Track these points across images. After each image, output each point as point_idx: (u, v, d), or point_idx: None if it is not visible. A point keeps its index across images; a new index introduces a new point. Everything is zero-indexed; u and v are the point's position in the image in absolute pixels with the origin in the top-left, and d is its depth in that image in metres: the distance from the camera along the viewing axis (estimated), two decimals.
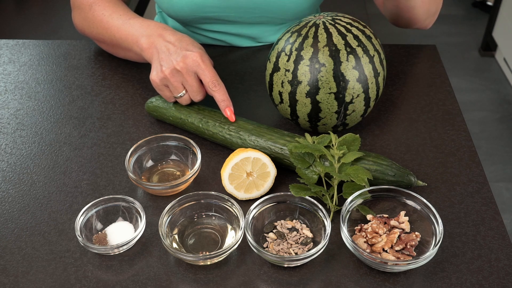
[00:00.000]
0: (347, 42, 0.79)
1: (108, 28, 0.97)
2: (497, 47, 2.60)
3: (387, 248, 0.70)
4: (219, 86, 0.84)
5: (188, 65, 0.84)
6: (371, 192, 0.75)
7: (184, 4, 1.01)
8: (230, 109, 0.84)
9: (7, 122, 0.94)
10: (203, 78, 0.84)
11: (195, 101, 0.87)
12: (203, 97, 0.86)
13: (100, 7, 0.99)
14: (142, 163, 0.84)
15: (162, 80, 0.86)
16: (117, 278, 0.70)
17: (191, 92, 0.85)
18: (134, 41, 0.92)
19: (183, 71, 0.84)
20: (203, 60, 0.84)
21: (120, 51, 1.01)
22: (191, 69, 0.84)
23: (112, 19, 0.97)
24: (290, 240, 0.73)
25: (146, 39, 0.90)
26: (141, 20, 0.94)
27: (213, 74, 0.84)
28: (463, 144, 0.88)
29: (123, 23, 0.95)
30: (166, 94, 0.88)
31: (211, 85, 0.84)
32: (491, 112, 2.34)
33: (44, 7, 1.61)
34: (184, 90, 0.86)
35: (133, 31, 0.92)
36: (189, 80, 0.84)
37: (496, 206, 0.78)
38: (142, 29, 0.92)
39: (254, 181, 0.79)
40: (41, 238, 0.75)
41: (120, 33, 0.95)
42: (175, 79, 0.85)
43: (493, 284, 0.68)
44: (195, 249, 0.73)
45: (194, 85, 0.85)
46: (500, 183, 2.03)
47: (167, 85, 0.86)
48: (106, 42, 1.01)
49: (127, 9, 0.99)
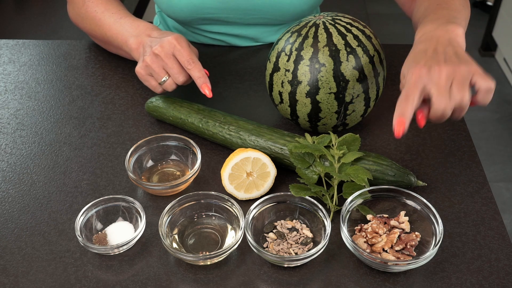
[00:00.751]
0: (347, 42, 0.79)
1: (101, 26, 0.99)
2: (497, 47, 2.60)
3: (387, 248, 0.70)
4: (194, 64, 0.86)
5: (165, 48, 0.86)
6: (371, 192, 0.75)
7: (183, 5, 1.02)
8: (207, 86, 0.86)
9: (7, 122, 0.94)
10: (179, 59, 0.86)
11: (179, 84, 0.87)
12: (185, 79, 0.87)
13: (93, 4, 1.01)
14: (142, 163, 0.84)
15: (145, 69, 0.88)
16: (117, 278, 0.70)
17: (173, 74, 0.86)
18: (123, 41, 0.95)
19: (162, 55, 0.86)
20: (179, 42, 0.87)
21: (111, 48, 1.04)
22: (169, 51, 0.86)
23: (104, 17, 0.99)
24: (290, 240, 0.73)
25: (135, 39, 0.92)
26: (131, 20, 0.96)
27: (188, 53, 0.86)
28: (463, 144, 0.88)
29: (115, 22, 0.97)
30: (151, 84, 0.89)
31: (187, 64, 0.86)
32: (491, 112, 2.34)
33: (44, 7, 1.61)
34: (166, 74, 0.87)
35: (123, 31, 0.95)
36: (169, 63, 0.86)
37: (496, 206, 0.78)
38: (132, 29, 0.94)
39: (254, 181, 0.79)
40: (41, 238, 0.75)
41: (111, 31, 0.97)
42: (156, 65, 0.87)
43: (493, 284, 0.68)
44: (195, 249, 0.73)
45: (174, 67, 0.86)
46: (500, 183, 2.03)
47: (151, 74, 0.88)
48: (99, 38, 1.04)
49: (119, 6, 1.01)
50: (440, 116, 0.69)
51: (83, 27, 1.05)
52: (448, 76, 0.68)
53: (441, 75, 0.68)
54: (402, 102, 0.68)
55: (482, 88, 0.69)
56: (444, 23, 0.77)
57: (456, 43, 0.73)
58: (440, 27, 0.76)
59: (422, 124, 0.71)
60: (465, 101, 0.68)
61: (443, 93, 0.68)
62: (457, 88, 0.68)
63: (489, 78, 0.69)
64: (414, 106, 0.68)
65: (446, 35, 0.74)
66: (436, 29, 0.76)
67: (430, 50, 0.72)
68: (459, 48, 0.73)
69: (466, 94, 0.68)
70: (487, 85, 0.69)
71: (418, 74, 0.69)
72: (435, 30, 0.76)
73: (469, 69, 0.69)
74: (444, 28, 0.75)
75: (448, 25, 0.76)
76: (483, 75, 0.69)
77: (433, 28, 0.76)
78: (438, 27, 0.76)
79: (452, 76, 0.68)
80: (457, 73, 0.68)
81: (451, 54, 0.71)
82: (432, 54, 0.71)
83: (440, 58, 0.70)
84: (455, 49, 0.72)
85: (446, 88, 0.68)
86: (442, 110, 0.68)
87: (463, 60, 0.70)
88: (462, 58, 0.70)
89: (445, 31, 0.75)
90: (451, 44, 0.73)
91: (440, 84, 0.68)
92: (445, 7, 0.82)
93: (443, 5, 0.83)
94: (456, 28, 0.75)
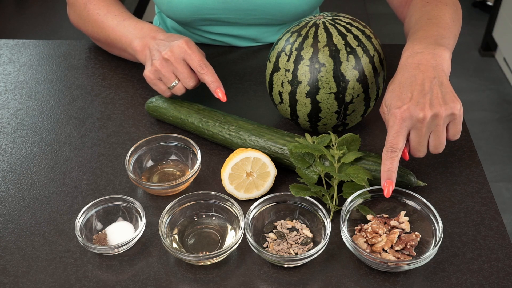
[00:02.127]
0: (347, 42, 0.79)
1: (103, 28, 0.99)
2: (497, 47, 2.60)
3: (387, 248, 0.70)
4: (207, 69, 0.86)
5: (175, 53, 0.85)
6: (371, 192, 0.75)
7: (183, 6, 1.02)
8: (221, 90, 0.86)
9: (7, 122, 0.94)
10: (191, 63, 0.86)
11: (189, 88, 0.87)
12: (195, 83, 0.87)
13: (95, 6, 1.00)
14: (142, 163, 0.84)
15: (155, 73, 0.87)
16: (117, 278, 0.70)
17: (183, 79, 0.86)
18: (128, 43, 0.94)
19: (172, 60, 0.85)
20: (189, 46, 0.86)
21: (115, 50, 1.03)
22: (179, 56, 0.86)
23: (107, 19, 0.98)
24: (290, 240, 0.73)
25: (140, 41, 0.92)
26: (135, 21, 0.96)
27: (200, 58, 0.86)
28: (463, 144, 0.88)
29: (118, 24, 0.96)
30: (160, 88, 0.88)
31: (199, 68, 0.85)
32: (491, 112, 2.34)
33: (44, 7, 1.61)
34: (176, 79, 0.87)
35: (127, 32, 0.94)
36: (179, 68, 0.86)
37: (496, 206, 0.78)
38: (136, 31, 0.94)
39: (254, 181, 0.79)
40: (41, 238, 0.75)
41: (115, 33, 0.97)
42: (166, 69, 0.86)
43: (493, 284, 0.68)
44: (195, 249, 0.73)
45: (184, 72, 0.86)
46: (500, 183, 2.03)
47: (161, 78, 0.88)
48: (101, 41, 1.03)
49: (121, 8, 1.01)
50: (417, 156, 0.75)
51: (85, 30, 1.05)
52: (429, 125, 0.72)
53: (424, 123, 0.71)
54: (387, 161, 0.72)
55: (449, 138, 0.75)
56: (432, 44, 0.77)
57: (441, 72, 0.74)
58: (428, 49, 0.76)
59: (407, 158, 0.76)
60: (440, 147, 0.74)
61: (422, 142, 0.73)
62: (435, 134, 0.73)
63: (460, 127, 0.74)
64: (398, 160, 0.72)
65: (432, 60, 0.75)
66: (424, 51, 0.76)
67: (416, 84, 0.73)
68: (444, 79, 0.74)
69: (442, 140, 0.74)
70: (455, 138, 0.75)
71: (401, 118, 0.72)
72: (422, 52, 0.76)
73: (451, 112, 0.72)
74: (432, 51, 0.76)
75: (435, 48, 0.76)
76: (459, 120, 0.73)
77: (421, 49, 0.76)
78: (426, 49, 0.76)
79: (434, 124, 0.72)
80: (438, 119, 0.72)
81: (437, 92, 0.72)
82: (418, 92, 0.72)
83: (425, 101, 0.72)
84: (441, 83, 0.73)
85: (426, 136, 0.73)
86: (418, 155, 0.75)
87: (448, 98, 0.72)
88: (447, 95, 0.72)
89: (432, 56, 0.75)
90: (437, 76, 0.73)
91: (421, 132, 0.72)
92: (435, 23, 0.82)
93: (434, 21, 0.83)
94: (443, 52, 0.76)
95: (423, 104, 0.71)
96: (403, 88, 0.73)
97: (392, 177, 0.72)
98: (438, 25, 0.82)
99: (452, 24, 0.84)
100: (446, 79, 0.74)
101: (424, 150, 0.74)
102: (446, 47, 0.78)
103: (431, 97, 0.72)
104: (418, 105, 0.71)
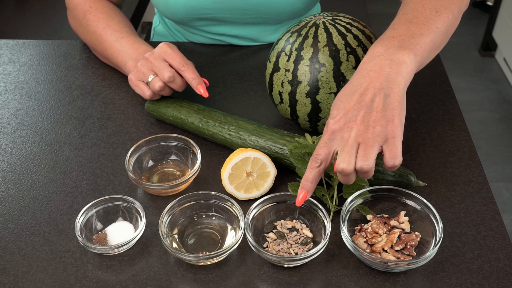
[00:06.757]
0: (347, 42, 0.79)
1: (102, 42, 1.00)
2: (497, 47, 2.60)
3: (387, 248, 0.70)
4: (187, 66, 0.87)
5: (155, 52, 0.89)
6: (371, 192, 0.75)
7: (179, 6, 1.02)
8: (202, 86, 0.87)
9: (7, 122, 0.94)
10: (171, 62, 0.87)
11: (165, 80, 0.86)
12: (171, 74, 0.86)
13: (94, 18, 1.01)
14: (142, 163, 0.84)
15: (136, 74, 0.89)
16: (117, 278, 0.70)
17: (159, 71, 0.87)
18: (123, 62, 0.96)
19: (151, 58, 0.88)
20: (170, 47, 0.89)
21: (109, 63, 1.04)
22: (159, 55, 0.88)
23: (105, 33, 0.99)
24: (290, 240, 0.73)
25: (134, 62, 0.93)
26: (132, 41, 0.97)
27: (180, 56, 0.88)
28: (463, 144, 0.88)
29: (116, 41, 0.98)
30: (141, 88, 0.89)
31: (180, 66, 0.87)
32: (491, 112, 2.34)
33: (44, 7, 1.61)
34: (153, 73, 0.88)
35: (124, 52, 0.96)
36: (156, 63, 0.87)
37: (496, 206, 0.78)
38: (132, 51, 0.95)
39: (254, 181, 0.79)
40: (41, 238, 0.75)
41: (112, 49, 0.98)
42: (144, 67, 0.88)
43: (493, 284, 0.68)
44: (195, 249, 0.73)
45: (161, 65, 0.87)
46: (500, 183, 2.03)
47: (142, 79, 0.89)
48: (98, 51, 1.04)
49: (120, 22, 1.01)
50: (341, 174, 0.66)
51: (83, 38, 1.05)
52: (356, 138, 0.65)
53: (351, 135, 0.65)
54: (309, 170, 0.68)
55: (385, 163, 0.66)
56: (394, 47, 0.70)
57: (393, 82, 0.67)
58: (387, 53, 0.69)
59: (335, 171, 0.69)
60: (365, 168, 0.65)
61: (345, 157, 0.65)
62: (362, 153, 0.65)
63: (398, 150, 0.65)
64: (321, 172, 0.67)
65: (387, 68, 0.68)
66: (382, 55, 0.69)
67: (358, 94, 0.67)
68: (393, 91, 0.67)
69: (369, 161, 0.65)
70: (391, 163, 0.66)
71: (331, 130, 0.67)
72: (379, 57, 0.69)
73: (385, 132, 0.65)
74: (390, 57, 0.69)
75: (395, 52, 0.69)
76: (396, 142, 0.65)
77: (380, 53, 0.69)
78: (385, 53, 0.69)
79: (361, 138, 0.65)
80: (368, 136, 0.65)
81: (378, 105, 0.66)
82: (355, 103, 0.67)
83: (359, 113, 0.66)
84: (387, 96, 0.66)
85: (350, 152, 0.65)
86: (341, 170, 0.66)
87: (388, 115, 0.66)
88: (388, 111, 0.66)
89: (388, 62, 0.68)
90: (385, 87, 0.67)
91: (346, 146, 0.65)
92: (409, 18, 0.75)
93: (408, 15, 0.75)
94: (403, 57, 0.68)
95: (355, 118, 0.66)
96: (345, 97, 0.68)
97: (308, 188, 0.68)
98: (411, 21, 0.74)
99: (434, 15, 0.75)
100: (398, 91, 0.67)
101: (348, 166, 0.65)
102: (413, 48, 0.70)
103: (369, 110, 0.66)
104: (349, 120, 0.66)
